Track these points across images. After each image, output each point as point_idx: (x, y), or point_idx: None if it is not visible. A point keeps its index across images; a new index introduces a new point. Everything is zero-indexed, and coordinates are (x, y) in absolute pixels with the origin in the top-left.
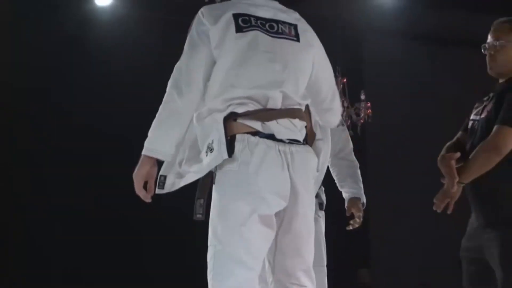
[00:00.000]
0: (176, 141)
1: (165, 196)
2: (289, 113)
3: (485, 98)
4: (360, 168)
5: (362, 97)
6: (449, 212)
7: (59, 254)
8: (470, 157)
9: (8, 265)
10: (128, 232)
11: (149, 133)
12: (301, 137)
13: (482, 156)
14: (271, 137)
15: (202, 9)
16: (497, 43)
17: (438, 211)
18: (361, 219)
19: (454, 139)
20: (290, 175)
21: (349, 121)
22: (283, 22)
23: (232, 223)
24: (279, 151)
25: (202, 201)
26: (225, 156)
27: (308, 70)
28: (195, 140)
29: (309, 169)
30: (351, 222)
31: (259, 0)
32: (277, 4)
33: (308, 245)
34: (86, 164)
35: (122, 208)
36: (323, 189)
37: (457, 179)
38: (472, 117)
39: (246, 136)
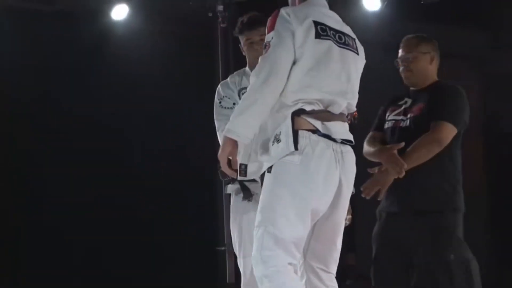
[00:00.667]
0: (256, 127)
1: (165, 196)
2: (342, 117)
3: (401, 102)
4: None
5: None
6: (379, 199)
7: (59, 254)
8: (410, 148)
9: (8, 265)
10: (129, 232)
11: (232, 117)
12: (351, 139)
13: (424, 147)
14: (327, 136)
15: (285, 10)
16: (410, 55)
17: (367, 198)
18: (350, 221)
19: (370, 138)
20: (339, 172)
21: None
22: (347, 35)
23: (288, 212)
24: (333, 150)
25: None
26: (292, 148)
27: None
28: (266, 130)
29: (353, 167)
30: None
31: (327, 11)
32: (338, 17)
33: (341, 235)
34: (86, 164)
35: (122, 208)
36: None
37: (405, 166)
38: (391, 117)
39: (308, 133)
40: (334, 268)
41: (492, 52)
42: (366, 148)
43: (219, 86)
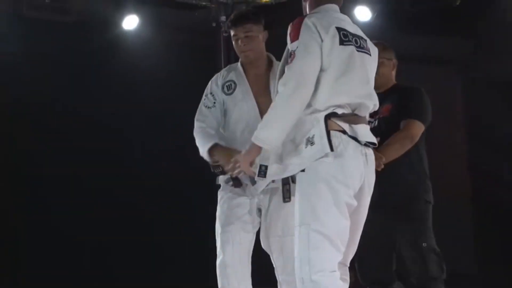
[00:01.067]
0: (284, 135)
1: (165, 196)
2: (365, 120)
3: None
4: None
5: None
6: None
7: (59, 254)
8: (384, 144)
9: (8, 265)
10: (129, 232)
11: (261, 126)
12: (375, 141)
13: (398, 143)
14: (354, 138)
15: (310, 19)
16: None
17: None
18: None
19: None
20: (364, 173)
21: None
22: (361, 37)
23: (329, 206)
24: (360, 151)
25: (288, 186)
26: (328, 150)
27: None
28: (294, 134)
29: (374, 169)
30: None
31: (341, 15)
32: (349, 19)
33: (360, 232)
34: (86, 164)
35: (123, 208)
36: None
37: (384, 159)
38: None
39: (339, 133)
40: (349, 262)
41: (476, 59)
42: None
43: (210, 80)
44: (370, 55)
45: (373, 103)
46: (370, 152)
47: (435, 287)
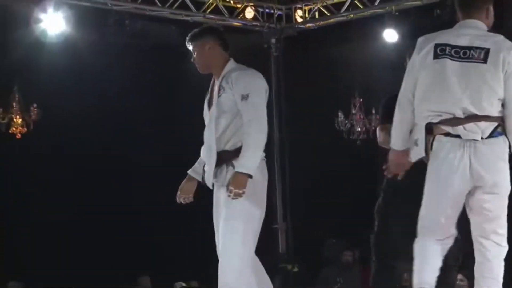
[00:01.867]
0: (407, 135)
1: (166, 196)
2: (474, 118)
3: None
4: (373, 162)
5: (373, 111)
6: (399, 178)
7: (60, 254)
8: None
9: (8, 265)
10: (129, 232)
11: (392, 133)
12: (479, 136)
13: None
14: (458, 136)
15: (420, 38)
16: None
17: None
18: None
19: (383, 129)
20: (470, 162)
21: (364, 128)
22: (476, 48)
23: (427, 201)
24: (462, 146)
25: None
26: (423, 154)
27: (496, 86)
28: (413, 135)
29: (489, 156)
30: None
31: (462, 30)
32: (478, 31)
33: (490, 209)
34: (87, 164)
35: (122, 208)
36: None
37: None
38: None
39: (440, 136)
40: (493, 236)
41: None
42: (382, 137)
43: None
44: (483, 63)
45: (459, 108)
46: (477, 144)
47: (449, 274)
